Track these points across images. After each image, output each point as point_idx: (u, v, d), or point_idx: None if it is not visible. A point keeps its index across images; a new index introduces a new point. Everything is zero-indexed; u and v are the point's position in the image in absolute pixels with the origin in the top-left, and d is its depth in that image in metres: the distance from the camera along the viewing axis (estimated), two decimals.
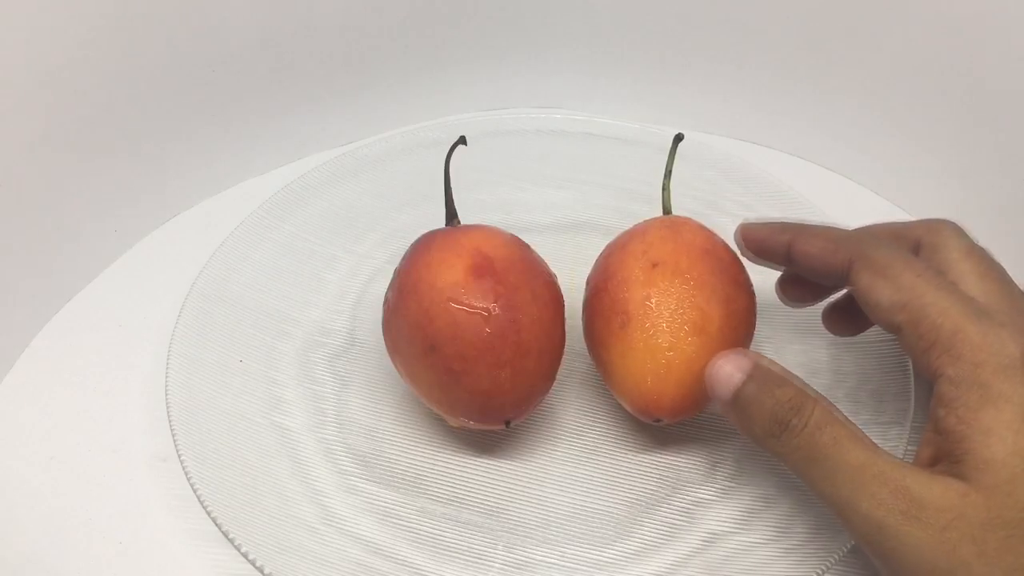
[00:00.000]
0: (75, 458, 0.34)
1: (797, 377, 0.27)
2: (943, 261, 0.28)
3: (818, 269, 0.29)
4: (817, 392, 0.27)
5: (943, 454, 0.24)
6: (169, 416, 0.32)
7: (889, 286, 0.26)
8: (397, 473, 0.33)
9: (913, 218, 0.44)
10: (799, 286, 0.33)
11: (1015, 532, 0.22)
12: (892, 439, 0.32)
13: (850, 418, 0.33)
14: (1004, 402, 0.23)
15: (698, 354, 0.29)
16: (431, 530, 0.31)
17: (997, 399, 0.23)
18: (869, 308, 0.27)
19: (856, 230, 0.32)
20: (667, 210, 0.34)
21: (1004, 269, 0.28)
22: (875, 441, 0.32)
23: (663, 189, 0.34)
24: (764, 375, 0.27)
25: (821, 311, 0.35)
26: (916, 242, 0.29)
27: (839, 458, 0.25)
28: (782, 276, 0.34)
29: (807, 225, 0.31)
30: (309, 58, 0.45)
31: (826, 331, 0.37)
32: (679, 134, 0.34)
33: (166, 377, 0.34)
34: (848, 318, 0.34)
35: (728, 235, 0.33)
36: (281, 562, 0.29)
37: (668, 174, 0.34)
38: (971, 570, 0.22)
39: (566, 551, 0.31)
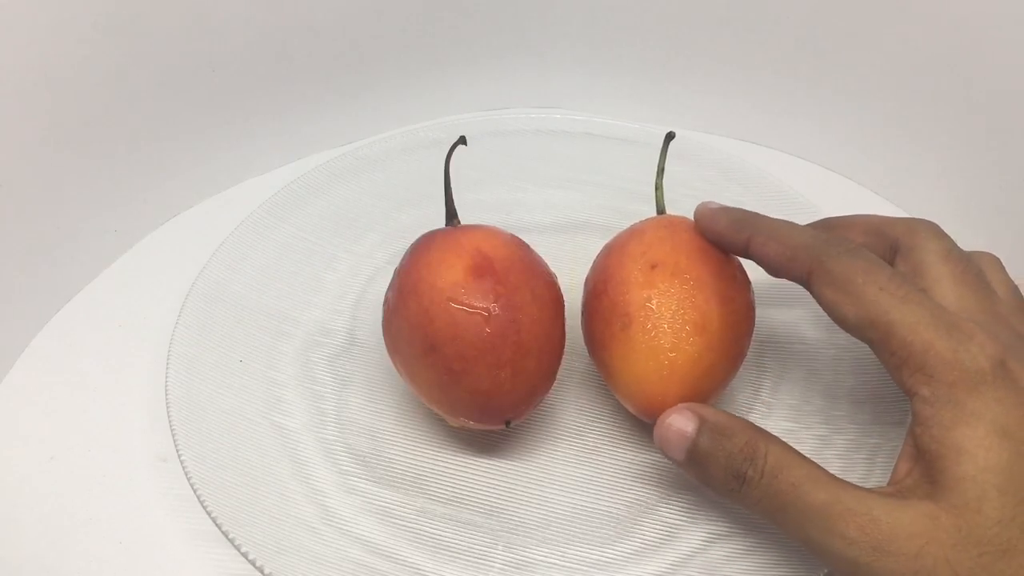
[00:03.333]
0: (75, 458, 0.34)
1: (746, 422, 0.27)
2: (919, 264, 0.27)
3: (778, 273, 0.29)
4: (769, 434, 0.27)
5: (918, 470, 0.24)
6: (169, 416, 0.32)
7: (852, 302, 0.25)
8: (397, 473, 0.33)
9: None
10: None
11: (987, 550, 0.22)
12: (893, 439, 0.32)
13: (851, 418, 0.34)
14: (976, 420, 0.23)
15: (700, 354, 0.29)
16: (431, 530, 0.31)
17: (970, 417, 0.23)
18: (836, 321, 0.26)
19: (822, 224, 0.32)
20: (661, 209, 0.34)
21: (982, 271, 0.27)
22: (876, 442, 0.33)
23: (656, 188, 0.34)
24: (713, 429, 0.27)
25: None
26: (894, 242, 0.29)
27: (802, 502, 0.24)
28: None
29: (765, 222, 0.29)
30: (309, 58, 0.45)
31: (827, 331, 0.37)
32: (670, 132, 0.34)
33: (166, 377, 0.34)
34: None
35: None
36: (281, 562, 0.29)
37: (660, 172, 0.34)
38: None
39: (566, 551, 0.31)
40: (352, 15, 0.44)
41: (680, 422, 0.28)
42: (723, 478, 0.26)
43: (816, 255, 0.27)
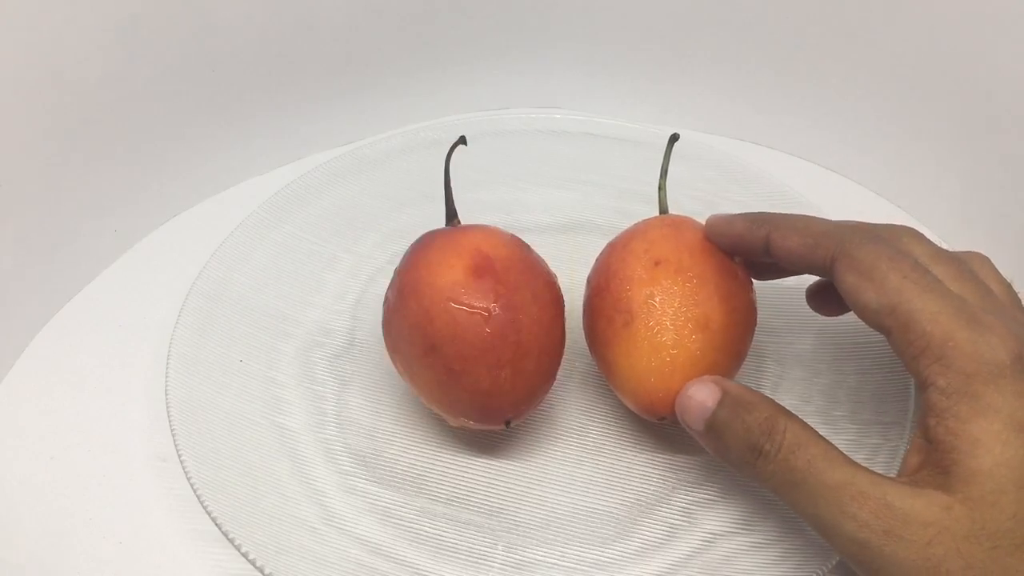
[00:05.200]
0: (75, 458, 0.34)
1: (767, 398, 0.27)
2: None
3: (799, 265, 0.29)
4: (789, 411, 0.27)
5: (930, 462, 0.24)
6: (169, 416, 0.32)
7: (875, 289, 0.25)
8: (397, 473, 0.33)
9: (913, 218, 0.44)
10: (827, 300, 0.33)
11: (1000, 543, 0.22)
12: (893, 439, 0.32)
13: (851, 418, 0.34)
14: (993, 413, 0.23)
15: (702, 352, 0.29)
16: (431, 530, 0.31)
17: (987, 410, 0.23)
18: (855, 309, 0.26)
19: (835, 222, 0.32)
20: (664, 210, 0.34)
21: (974, 271, 0.27)
22: (876, 442, 0.33)
23: (659, 189, 0.34)
24: (734, 401, 0.27)
25: (804, 290, 0.34)
26: None
27: (816, 480, 0.24)
28: (809, 288, 0.34)
29: (782, 216, 0.29)
30: (309, 58, 0.45)
31: (827, 332, 0.37)
32: (675, 134, 0.34)
33: (166, 377, 0.34)
34: (833, 298, 0.33)
35: None
36: (281, 562, 0.29)
37: (664, 173, 0.34)
38: None
39: (566, 551, 0.31)
40: (352, 15, 0.44)
41: (702, 392, 0.28)
42: (740, 450, 0.26)
43: (840, 241, 0.27)
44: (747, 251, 0.30)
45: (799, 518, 0.26)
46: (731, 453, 0.27)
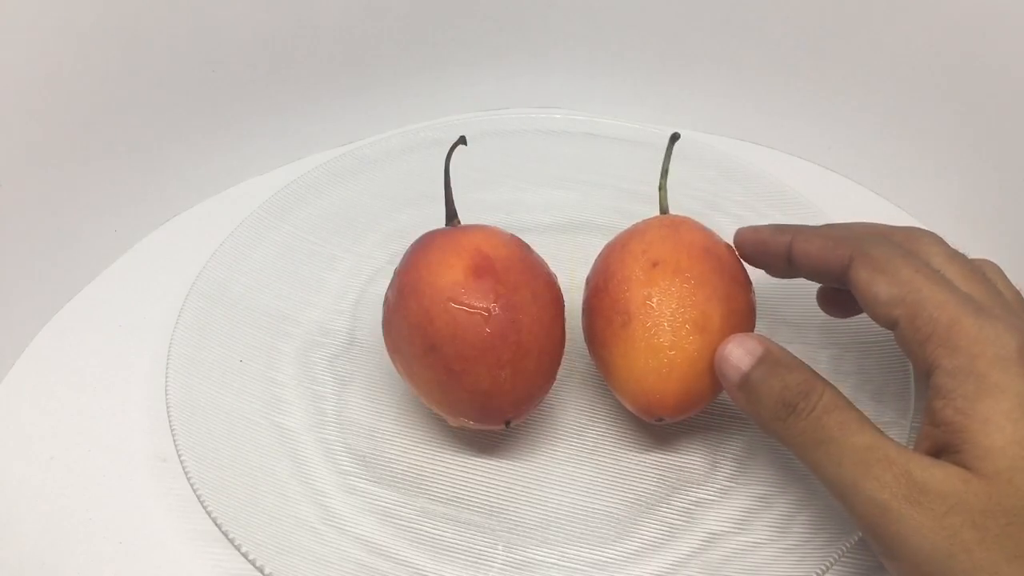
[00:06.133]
0: (75, 458, 0.34)
1: (808, 366, 0.28)
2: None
3: (818, 268, 0.29)
4: (827, 380, 0.27)
5: (942, 446, 0.24)
6: (169, 416, 0.32)
7: (887, 281, 0.26)
8: (397, 473, 0.33)
9: (913, 218, 0.44)
10: (838, 300, 0.34)
11: (1015, 520, 0.22)
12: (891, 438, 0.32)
13: None
14: (1001, 392, 0.23)
15: (700, 353, 0.29)
16: (431, 530, 0.31)
17: (994, 389, 0.24)
18: (867, 303, 0.27)
19: (851, 226, 0.32)
20: (664, 210, 0.34)
21: (985, 274, 0.28)
22: None
23: (660, 189, 0.34)
24: (775, 359, 0.28)
25: (816, 291, 0.34)
26: (897, 246, 0.29)
27: (845, 441, 0.25)
28: (821, 288, 0.34)
29: (804, 226, 0.31)
30: (309, 58, 0.45)
31: (826, 331, 0.37)
32: (675, 133, 0.34)
33: (166, 377, 0.34)
34: (842, 299, 0.34)
35: (728, 235, 0.33)
36: (281, 562, 0.29)
37: (664, 173, 0.34)
38: (972, 555, 0.22)
39: (566, 551, 0.31)
40: (352, 15, 0.44)
41: (743, 346, 0.28)
42: (773, 406, 0.27)
43: (858, 243, 0.28)
44: (771, 257, 0.31)
45: (814, 498, 0.26)
46: (762, 408, 0.27)
